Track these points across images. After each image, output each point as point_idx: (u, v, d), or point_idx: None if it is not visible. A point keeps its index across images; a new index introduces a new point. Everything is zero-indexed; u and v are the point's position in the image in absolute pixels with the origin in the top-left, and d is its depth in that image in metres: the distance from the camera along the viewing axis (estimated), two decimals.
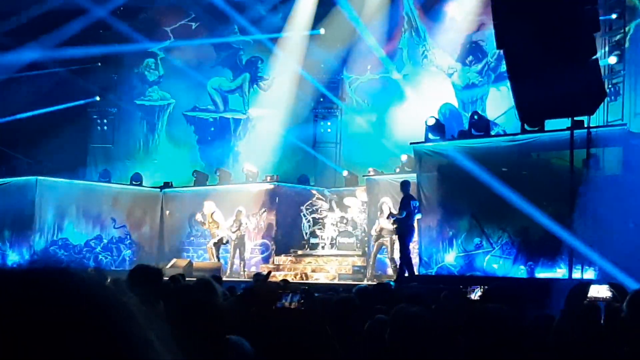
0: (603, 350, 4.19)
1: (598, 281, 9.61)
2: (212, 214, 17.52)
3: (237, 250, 17.56)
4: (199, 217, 17.91)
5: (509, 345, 3.26)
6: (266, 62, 22.97)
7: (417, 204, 14.25)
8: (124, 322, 0.73)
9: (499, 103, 18.98)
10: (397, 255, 14.91)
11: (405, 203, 13.94)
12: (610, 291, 6.64)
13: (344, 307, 5.22)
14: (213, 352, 2.89)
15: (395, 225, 14.34)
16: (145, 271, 3.94)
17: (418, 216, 14.27)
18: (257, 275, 10.64)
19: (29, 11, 20.69)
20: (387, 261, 15.74)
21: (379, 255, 15.95)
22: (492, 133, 15.19)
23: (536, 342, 4.39)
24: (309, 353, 3.02)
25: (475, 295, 10.89)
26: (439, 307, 6.16)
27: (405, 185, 14.21)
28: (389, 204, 15.36)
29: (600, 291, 7.91)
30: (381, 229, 15.39)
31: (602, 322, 4.60)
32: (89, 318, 0.71)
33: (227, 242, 17.60)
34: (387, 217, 14.79)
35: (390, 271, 15.52)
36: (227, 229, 17.56)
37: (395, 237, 14.91)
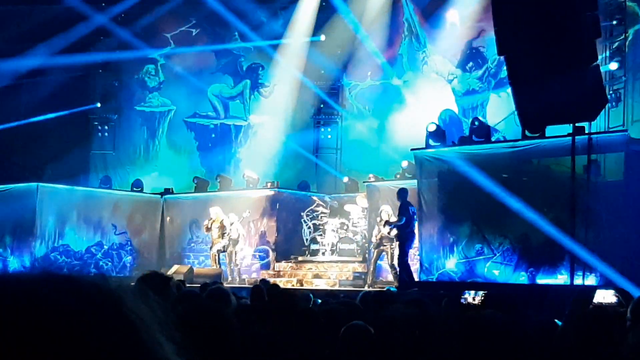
0: (607, 357, 4.18)
1: (600, 287, 9.60)
2: (222, 220, 17.41)
3: (231, 256, 17.40)
4: (206, 223, 17.73)
5: (507, 352, 3.24)
6: (267, 68, 22.99)
7: (415, 210, 14.28)
8: (136, 326, 0.74)
9: (499, 109, 18.99)
10: (397, 261, 14.91)
11: (404, 209, 13.94)
12: (616, 296, 6.63)
13: (346, 312, 5.20)
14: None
15: (395, 233, 14.34)
16: (154, 278, 3.93)
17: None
18: (263, 281, 10.62)
19: (31, 18, 20.71)
20: (388, 267, 15.71)
21: (379, 262, 15.92)
22: (493, 139, 15.19)
23: (538, 349, 4.38)
24: None
25: (470, 297, 10.84)
26: (440, 313, 6.15)
27: (402, 192, 14.21)
28: (388, 211, 15.33)
29: (605, 297, 7.89)
30: (381, 237, 15.36)
31: (604, 329, 4.58)
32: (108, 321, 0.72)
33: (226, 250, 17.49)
34: (384, 225, 14.80)
35: (390, 277, 15.50)
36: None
37: (394, 244, 14.92)
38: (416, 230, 14.38)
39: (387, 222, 14.63)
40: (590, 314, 4.17)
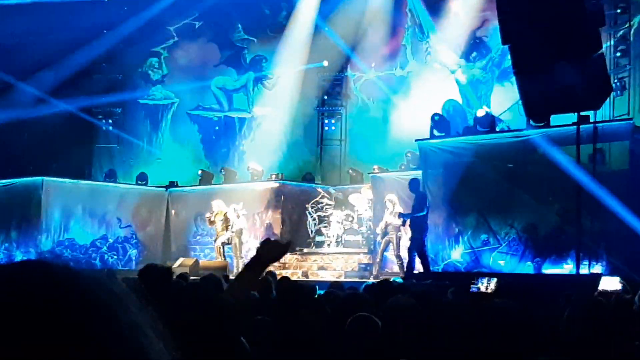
0: (613, 345, 4.18)
1: (606, 275, 9.60)
2: (225, 213, 17.41)
3: (236, 248, 17.39)
4: (209, 216, 17.71)
5: (518, 340, 3.25)
6: (270, 60, 22.94)
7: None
8: (108, 307, 0.76)
9: (503, 99, 18.93)
10: (403, 252, 14.88)
11: (423, 200, 13.77)
12: (621, 283, 6.63)
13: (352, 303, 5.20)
14: (218, 349, 2.89)
15: (408, 223, 14.19)
16: (155, 270, 3.94)
17: None
18: (269, 273, 10.59)
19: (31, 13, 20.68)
20: (393, 258, 15.68)
21: (384, 253, 15.89)
22: (497, 129, 15.16)
23: (545, 337, 4.38)
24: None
25: (483, 285, 10.83)
26: (448, 303, 6.15)
27: (416, 183, 14.09)
28: (393, 199, 15.27)
29: (611, 283, 7.88)
30: (386, 226, 15.31)
31: (610, 316, 4.58)
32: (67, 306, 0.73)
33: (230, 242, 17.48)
34: (398, 217, 14.64)
35: (396, 268, 15.48)
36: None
37: (400, 233, 14.87)
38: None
39: (399, 214, 14.49)
40: (596, 301, 4.17)
